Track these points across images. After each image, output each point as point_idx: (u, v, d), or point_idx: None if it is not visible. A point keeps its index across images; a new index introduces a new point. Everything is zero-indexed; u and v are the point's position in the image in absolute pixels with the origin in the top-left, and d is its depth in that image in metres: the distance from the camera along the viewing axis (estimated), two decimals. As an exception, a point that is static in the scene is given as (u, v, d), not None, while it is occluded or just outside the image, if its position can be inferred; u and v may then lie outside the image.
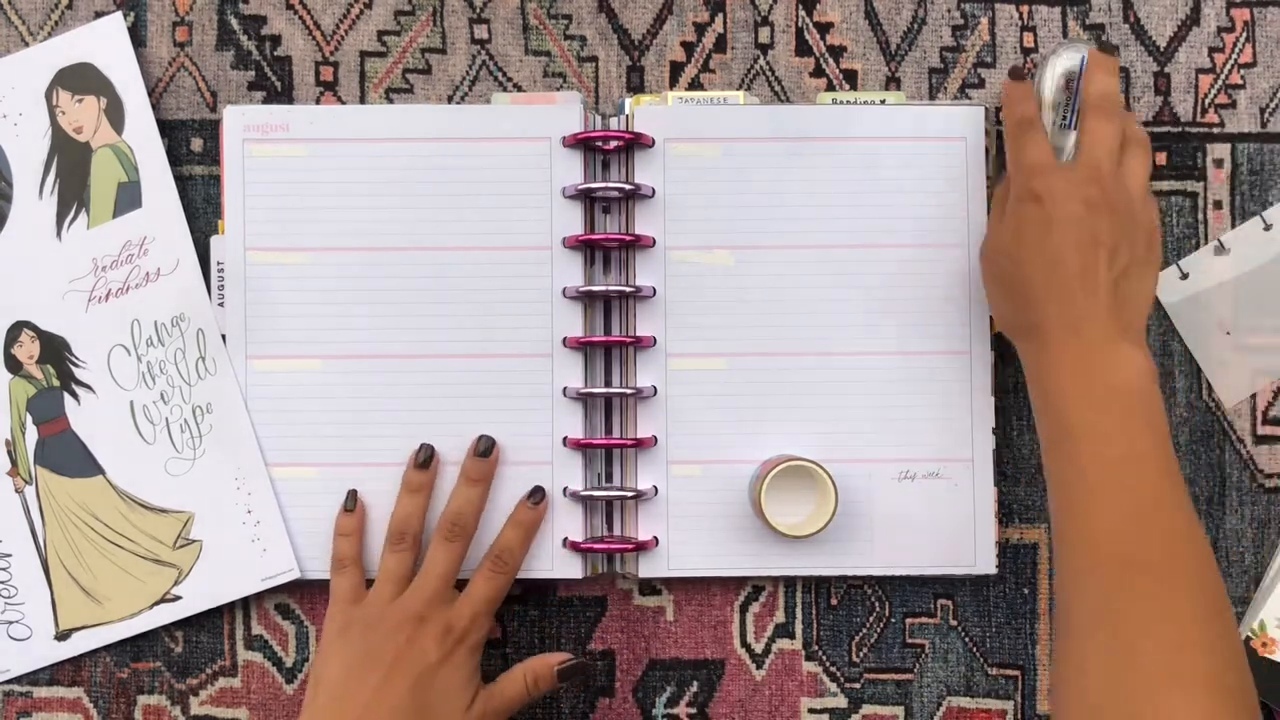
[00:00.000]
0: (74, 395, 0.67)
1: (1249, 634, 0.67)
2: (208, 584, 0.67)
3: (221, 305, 0.66)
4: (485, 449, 0.64)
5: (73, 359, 0.67)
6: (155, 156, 0.68)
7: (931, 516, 0.66)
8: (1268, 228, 0.69)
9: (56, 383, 0.67)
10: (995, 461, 0.67)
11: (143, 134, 0.68)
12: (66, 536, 0.67)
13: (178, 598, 0.67)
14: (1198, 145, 0.69)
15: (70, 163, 0.67)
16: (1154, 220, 0.61)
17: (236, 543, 0.66)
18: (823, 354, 0.67)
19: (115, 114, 0.68)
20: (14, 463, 0.67)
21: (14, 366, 0.67)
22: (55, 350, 0.67)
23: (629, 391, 0.66)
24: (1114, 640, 0.51)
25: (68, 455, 0.67)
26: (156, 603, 0.67)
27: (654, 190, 0.66)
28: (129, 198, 0.67)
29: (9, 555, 0.67)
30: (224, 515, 0.66)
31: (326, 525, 0.66)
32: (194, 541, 0.67)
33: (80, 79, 0.68)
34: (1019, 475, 0.69)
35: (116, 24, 0.68)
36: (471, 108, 0.68)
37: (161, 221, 0.67)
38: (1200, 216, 0.69)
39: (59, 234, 0.67)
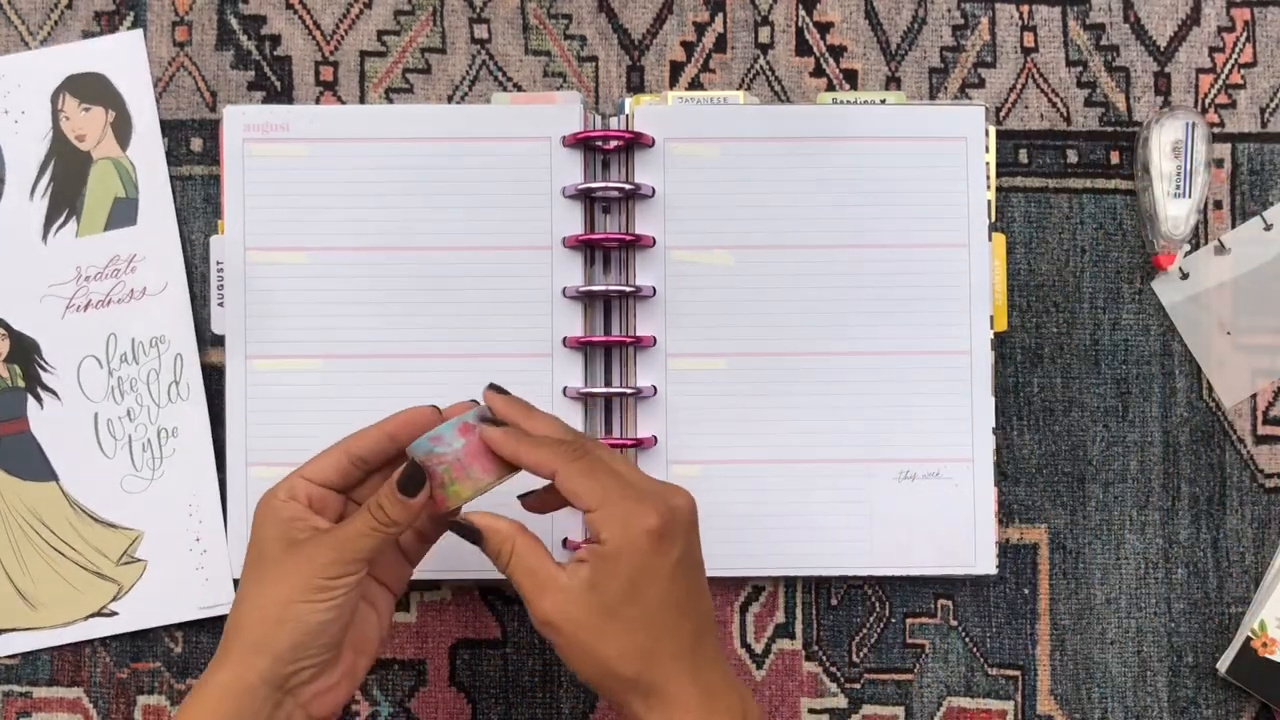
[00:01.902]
0: (38, 399, 0.67)
1: (1249, 634, 0.67)
2: (146, 604, 0.66)
3: (221, 305, 0.66)
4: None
5: (41, 362, 0.67)
6: (158, 177, 0.68)
7: (931, 516, 0.66)
8: (1268, 228, 0.69)
9: (22, 384, 0.67)
10: (995, 461, 0.66)
11: (148, 153, 0.67)
12: (10, 538, 0.66)
13: (114, 613, 0.66)
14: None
15: (67, 169, 0.67)
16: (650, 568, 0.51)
17: (180, 568, 0.66)
18: (823, 354, 0.67)
19: (122, 129, 0.68)
20: None
21: None
22: (25, 351, 0.67)
23: (629, 391, 0.66)
24: None
25: (23, 457, 0.67)
26: (91, 615, 0.66)
27: (654, 190, 0.66)
28: (124, 213, 0.67)
29: None
30: (172, 539, 0.66)
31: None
32: (138, 560, 0.66)
33: (91, 88, 0.68)
34: (1019, 475, 0.69)
35: (135, 41, 0.68)
36: (471, 108, 0.68)
37: (156, 242, 0.67)
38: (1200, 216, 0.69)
39: (45, 237, 0.67)
